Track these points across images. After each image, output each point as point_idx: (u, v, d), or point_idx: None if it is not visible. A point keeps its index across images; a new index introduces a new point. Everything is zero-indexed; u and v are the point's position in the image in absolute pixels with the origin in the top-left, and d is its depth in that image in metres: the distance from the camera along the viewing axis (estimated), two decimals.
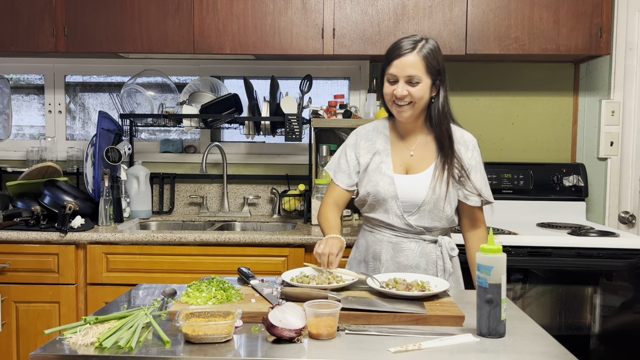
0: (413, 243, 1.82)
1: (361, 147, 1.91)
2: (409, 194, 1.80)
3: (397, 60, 1.76)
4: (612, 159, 2.88)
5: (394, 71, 1.76)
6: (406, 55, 1.75)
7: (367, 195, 1.84)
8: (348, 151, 1.93)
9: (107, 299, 2.38)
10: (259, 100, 3.02)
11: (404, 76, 1.75)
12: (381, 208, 1.83)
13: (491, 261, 1.25)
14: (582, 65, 3.04)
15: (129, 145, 2.96)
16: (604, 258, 2.34)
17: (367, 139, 1.91)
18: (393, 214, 1.81)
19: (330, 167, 1.97)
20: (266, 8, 2.71)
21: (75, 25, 2.75)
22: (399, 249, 1.82)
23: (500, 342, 1.24)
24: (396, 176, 1.83)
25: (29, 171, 2.76)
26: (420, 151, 1.87)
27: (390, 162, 1.86)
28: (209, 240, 2.46)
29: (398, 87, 1.76)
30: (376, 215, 1.85)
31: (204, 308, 1.29)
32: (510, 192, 2.95)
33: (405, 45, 1.76)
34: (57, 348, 1.18)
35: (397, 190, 1.80)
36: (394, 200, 1.80)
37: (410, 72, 1.74)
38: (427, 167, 1.83)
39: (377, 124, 1.96)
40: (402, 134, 1.90)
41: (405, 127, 1.88)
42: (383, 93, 1.83)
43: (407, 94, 1.75)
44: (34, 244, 2.48)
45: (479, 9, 2.67)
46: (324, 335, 1.23)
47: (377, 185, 1.82)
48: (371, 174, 1.85)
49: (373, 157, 1.88)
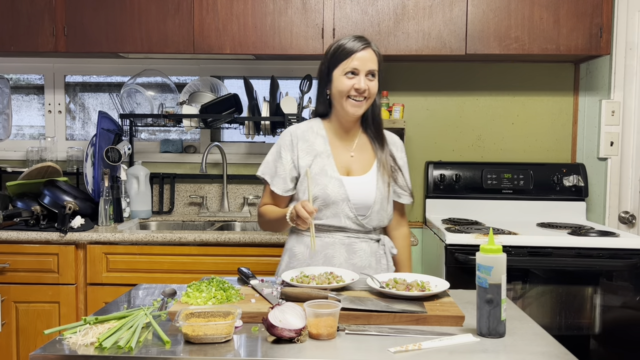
0: (364, 243, 1.84)
1: (299, 148, 1.83)
2: (360, 196, 1.80)
3: (359, 53, 1.74)
4: (612, 159, 2.88)
5: (356, 64, 1.74)
6: (367, 49, 1.76)
7: (314, 199, 1.77)
8: (283, 153, 1.84)
9: (107, 299, 2.38)
10: (259, 100, 3.02)
11: (365, 70, 1.75)
12: (329, 212, 1.79)
13: (491, 261, 1.25)
14: (582, 65, 3.04)
15: (129, 145, 2.96)
16: (604, 258, 2.34)
17: (304, 140, 1.84)
18: (344, 216, 1.80)
19: (265, 172, 1.87)
20: (266, 8, 2.71)
21: (75, 25, 2.75)
22: (352, 250, 1.82)
23: (500, 342, 1.24)
24: (344, 178, 1.81)
25: (28, 171, 2.76)
26: (359, 152, 1.87)
27: (333, 163, 1.82)
28: (209, 240, 2.46)
29: (360, 81, 1.74)
30: (324, 221, 1.80)
31: (203, 308, 1.29)
32: (510, 192, 2.95)
33: (361, 40, 1.77)
34: (57, 348, 1.18)
35: (348, 192, 1.79)
36: (345, 203, 1.79)
37: (370, 66, 1.76)
38: (369, 168, 1.85)
39: (312, 125, 1.89)
40: (341, 135, 1.87)
41: (347, 127, 1.86)
42: (334, 89, 1.78)
43: (367, 88, 1.75)
44: (34, 244, 2.48)
45: (479, 9, 2.67)
46: (324, 335, 1.23)
47: (325, 188, 1.78)
48: (316, 177, 1.79)
49: (315, 159, 1.82)
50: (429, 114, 3.10)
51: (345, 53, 1.76)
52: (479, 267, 1.27)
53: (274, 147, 1.88)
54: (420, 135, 3.11)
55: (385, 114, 2.85)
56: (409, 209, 3.11)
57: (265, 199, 1.90)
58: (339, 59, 1.76)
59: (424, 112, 3.10)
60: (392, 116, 2.87)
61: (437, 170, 2.99)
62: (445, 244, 2.39)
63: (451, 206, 2.97)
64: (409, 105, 3.08)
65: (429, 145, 3.11)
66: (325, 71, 1.81)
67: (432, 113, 3.10)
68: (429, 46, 2.69)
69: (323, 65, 1.82)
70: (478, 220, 2.80)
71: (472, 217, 2.88)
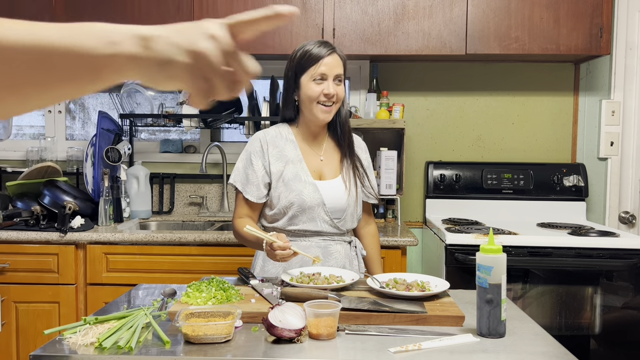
0: (338, 245, 1.86)
1: (269, 154, 1.82)
2: (334, 199, 1.82)
3: (326, 59, 1.75)
4: (612, 159, 2.88)
5: (324, 70, 1.74)
6: (333, 54, 1.77)
7: (289, 205, 1.78)
8: (254, 160, 1.82)
9: (107, 299, 2.38)
10: (259, 100, 3.02)
11: (333, 75, 1.76)
12: (305, 217, 1.80)
13: (491, 261, 1.25)
14: (582, 65, 3.04)
15: (129, 145, 2.96)
16: (604, 258, 2.34)
17: (274, 146, 1.83)
18: (321, 220, 1.81)
19: (236, 180, 1.84)
20: None
21: None
22: (328, 252, 1.84)
23: (500, 342, 1.24)
24: (318, 182, 1.81)
25: (28, 171, 2.76)
26: (328, 156, 1.89)
27: (306, 168, 1.82)
28: (208, 240, 2.46)
29: (329, 86, 1.75)
30: (300, 227, 1.81)
31: (203, 308, 1.29)
32: (511, 192, 2.95)
33: (326, 45, 1.77)
34: (57, 348, 1.18)
35: (323, 196, 1.80)
36: (320, 207, 1.80)
37: (338, 70, 1.77)
38: (339, 172, 1.87)
39: (279, 130, 1.88)
40: (309, 140, 1.88)
41: (315, 131, 1.86)
42: (302, 95, 1.77)
43: (335, 93, 1.76)
44: (34, 244, 2.48)
45: (479, 9, 2.67)
46: (324, 335, 1.23)
47: (301, 193, 1.78)
48: (291, 183, 1.79)
49: (286, 165, 1.81)
50: (429, 114, 3.10)
51: (312, 59, 1.75)
52: (479, 267, 1.27)
53: (243, 154, 1.87)
54: (420, 135, 3.11)
55: (385, 113, 2.85)
56: (408, 208, 3.12)
57: (239, 209, 1.85)
58: (306, 65, 1.76)
59: (424, 112, 3.10)
60: (392, 116, 2.87)
61: (437, 170, 2.99)
62: (445, 244, 2.39)
63: (451, 206, 2.97)
64: (409, 105, 3.08)
65: (429, 145, 3.11)
66: (292, 77, 1.80)
67: (432, 113, 3.10)
68: (429, 46, 2.69)
69: (289, 72, 1.81)
70: (478, 220, 2.80)
71: (472, 217, 2.88)
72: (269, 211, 1.84)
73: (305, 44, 1.79)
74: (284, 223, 1.82)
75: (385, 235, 2.46)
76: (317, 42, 1.78)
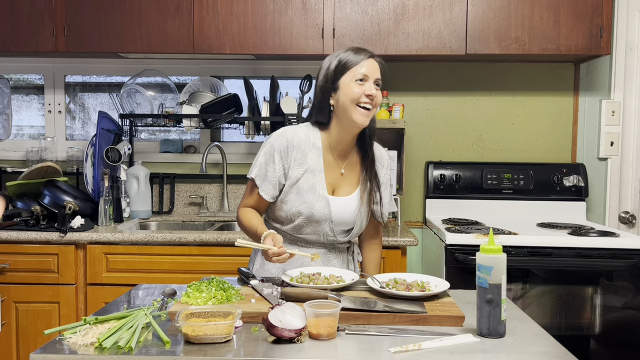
0: (337, 251, 1.86)
1: (292, 157, 1.75)
2: (343, 217, 1.78)
3: (368, 61, 1.71)
4: (612, 159, 2.88)
5: (366, 71, 1.69)
6: (373, 58, 1.74)
7: (297, 214, 1.74)
8: (276, 158, 1.75)
9: (107, 299, 2.38)
10: (259, 100, 3.02)
11: (374, 77, 1.71)
12: (310, 229, 1.77)
13: (491, 261, 1.25)
14: (582, 65, 3.04)
15: (129, 145, 2.96)
16: (604, 258, 2.34)
17: (299, 150, 1.76)
18: (324, 234, 1.79)
19: (257, 174, 1.78)
20: (266, 8, 2.71)
21: (75, 25, 2.75)
22: (327, 259, 1.83)
23: (500, 342, 1.24)
24: (330, 198, 1.76)
25: (28, 171, 2.76)
26: (349, 169, 1.82)
27: (323, 181, 1.76)
28: (209, 240, 2.46)
29: (371, 87, 1.70)
30: (303, 236, 1.80)
31: (203, 308, 1.29)
32: (511, 192, 2.95)
33: (366, 50, 1.73)
34: (57, 348, 1.18)
35: (332, 212, 1.76)
36: (327, 223, 1.76)
37: (378, 74, 1.73)
38: (355, 189, 1.82)
39: (309, 133, 1.79)
40: (336, 149, 1.79)
41: (347, 139, 1.78)
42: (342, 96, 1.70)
43: (376, 95, 1.70)
44: (34, 244, 2.48)
45: (479, 9, 2.67)
46: (324, 335, 1.23)
47: (312, 207, 1.73)
48: (304, 193, 1.74)
49: (305, 173, 1.75)
50: (429, 114, 3.10)
51: (353, 60, 1.70)
52: (479, 267, 1.27)
53: (267, 148, 1.78)
54: (420, 135, 3.11)
55: (385, 114, 2.85)
56: (408, 208, 3.12)
57: (247, 199, 1.82)
58: (347, 66, 1.71)
59: (424, 112, 3.10)
60: (392, 116, 2.87)
61: (437, 170, 2.99)
62: (445, 244, 2.39)
63: (451, 206, 2.97)
64: (409, 105, 3.08)
65: (429, 145, 3.11)
66: (331, 79, 1.73)
67: (432, 113, 3.10)
68: (429, 46, 2.69)
69: (326, 75, 1.74)
70: (478, 220, 2.80)
71: (472, 217, 2.88)
72: (275, 211, 1.81)
73: (342, 50, 1.75)
74: (287, 228, 1.80)
75: (386, 235, 2.46)
76: (354, 48, 1.75)
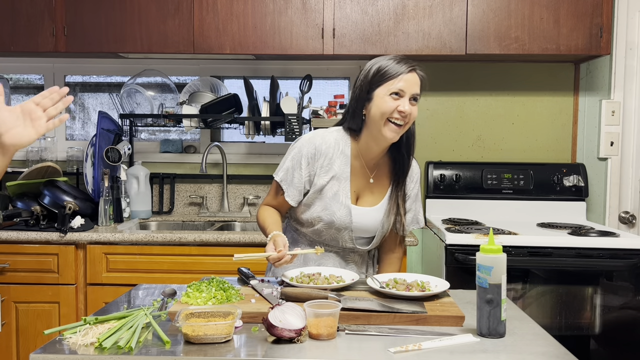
0: (356, 256, 1.85)
1: (319, 165, 1.73)
2: (362, 226, 1.77)
3: (408, 75, 1.64)
4: (612, 159, 2.88)
5: (402, 86, 1.63)
6: (414, 71, 1.66)
7: (317, 220, 1.74)
8: (303, 164, 1.73)
9: (107, 299, 2.38)
10: (259, 100, 3.02)
11: (410, 93, 1.65)
12: (329, 235, 1.77)
13: (491, 261, 1.25)
14: (582, 65, 3.04)
15: (129, 145, 2.96)
16: (604, 258, 2.34)
17: (326, 157, 1.73)
18: (343, 241, 1.79)
19: (283, 179, 1.76)
20: (266, 8, 2.71)
21: (75, 25, 2.75)
22: (345, 262, 1.83)
23: (500, 342, 1.24)
24: (353, 207, 1.74)
25: (28, 171, 2.76)
26: (378, 178, 1.79)
27: (348, 189, 1.74)
28: (209, 240, 2.46)
29: (405, 104, 1.63)
30: (322, 240, 1.80)
31: (203, 308, 1.29)
32: (511, 192, 2.95)
33: (407, 62, 1.66)
34: (57, 348, 1.18)
35: (353, 222, 1.74)
36: (347, 232, 1.76)
37: (416, 90, 1.66)
38: (381, 199, 1.79)
39: (338, 138, 1.76)
40: (366, 157, 1.76)
41: (375, 150, 1.74)
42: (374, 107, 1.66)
43: (410, 112, 1.64)
44: (34, 244, 2.48)
45: (479, 9, 2.67)
46: (324, 335, 1.23)
47: (333, 215, 1.73)
48: (328, 201, 1.73)
49: (330, 180, 1.73)
50: (429, 114, 3.10)
51: (391, 73, 1.64)
52: (479, 267, 1.27)
53: (295, 153, 1.76)
54: (420, 135, 3.10)
55: None
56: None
57: (271, 199, 1.83)
58: (383, 78, 1.65)
59: (424, 112, 3.10)
60: None
61: (437, 170, 2.99)
62: (445, 244, 2.39)
63: (451, 206, 2.97)
64: None
65: (429, 145, 3.11)
66: (366, 88, 1.67)
67: (432, 113, 3.10)
68: (429, 46, 2.69)
69: (363, 83, 1.69)
70: (478, 220, 2.80)
71: (472, 217, 2.88)
72: (297, 213, 1.80)
73: (381, 58, 1.69)
74: (307, 231, 1.80)
75: None
76: (397, 57, 1.68)
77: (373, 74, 1.67)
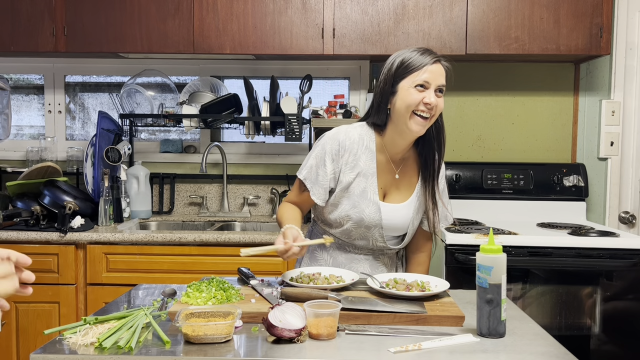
0: (386, 257, 1.83)
1: (344, 161, 1.69)
2: (394, 224, 1.73)
3: (432, 66, 1.60)
4: (612, 159, 2.88)
5: (428, 77, 1.59)
6: (439, 62, 1.63)
7: (346, 219, 1.71)
8: (327, 161, 1.69)
9: (107, 299, 2.38)
10: (259, 100, 3.02)
11: (436, 84, 1.61)
12: (359, 234, 1.73)
13: (491, 261, 1.25)
14: (582, 65, 3.04)
15: (129, 145, 2.96)
16: (604, 258, 2.34)
17: (351, 153, 1.69)
18: (373, 240, 1.75)
19: (307, 177, 1.72)
20: (266, 8, 2.71)
21: (75, 25, 2.75)
22: (375, 265, 1.81)
23: (500, 342, 1.24)
24: (382, 204, 1.70)
25: (28, 171, 2.76)
26: (404, 173, 1.75)
27: (375, 185, 1.70)
28: (208, 240, 2.46)
29: (430, 95, 1.59)
30: (351, 241, 1.77)
31: (203, 308, 1.29)
32: (511, 192, 2.95)
33: (431, 53, 1.63)
34: (57, 348, 1.18)
35: (383, 219, 1.70)
36: (377, 229, 1.71)
37: (441, 81, 1.62)
38: (410, 194, 1.75)
39: (362, 133, 1.72)
40: (391, 152, 1.72)
41: (401, 144, 1.70)
42: (399, 101, 1.62)
43: (436, 104, 1.60)
44: (34, 244, 2.48)
45: (479, 9, 2.67)
46: (324, 335, 1.23)
47: (362, 212, 1.69)
48: (356, 198, 1.69)
49: (357, 177, 1.70)
50: None
51: (416, 64, 1.61)
52: (479, 267, 1.27)
53: (318, 150, 1.72)
54: None
55: None
56: None
57: (293, 196, 1.79)
58: (408, 70, 1.61)
59: None
60: None
61: None
62: (445, 244, 2.39)
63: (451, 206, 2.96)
64: None
65: None
66: (390, 81, 1.64)
67: None
68: (429, 46, 2.68)
69: (386, 76, 1.66)
70: (478, 220, 2.80)
71: (472, 217, 2.88)
72: (324, 214, 1.77)
73: (408, 49, 1.65)
74: (336, 232, 1.76)
75: None
76: (421, 49, 1.65)
77: (397, 66, 1.63)
